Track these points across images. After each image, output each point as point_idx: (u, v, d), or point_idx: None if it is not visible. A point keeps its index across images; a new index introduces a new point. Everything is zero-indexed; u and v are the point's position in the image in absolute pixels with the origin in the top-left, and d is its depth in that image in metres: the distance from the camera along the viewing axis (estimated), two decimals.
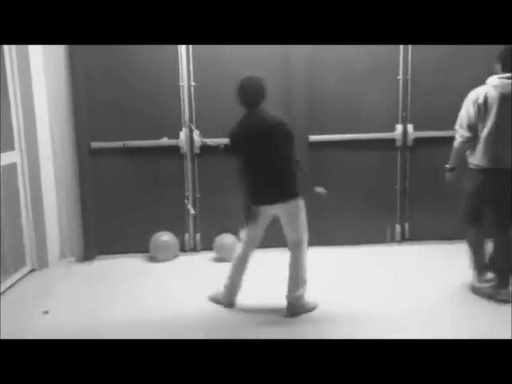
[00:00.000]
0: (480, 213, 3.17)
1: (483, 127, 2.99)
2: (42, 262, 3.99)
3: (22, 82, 3.75)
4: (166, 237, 4.15)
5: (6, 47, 3.62)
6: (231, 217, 4.27)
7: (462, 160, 3.17)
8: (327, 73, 4.18)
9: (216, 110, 4.16)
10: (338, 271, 3.77)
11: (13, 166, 3.74)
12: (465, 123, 3.05)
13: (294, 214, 3.02)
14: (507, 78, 2.92)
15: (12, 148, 3.74)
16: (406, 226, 4.43)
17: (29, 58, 3.73)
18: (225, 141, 4.20)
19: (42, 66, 3.91)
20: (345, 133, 4.24)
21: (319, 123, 4.22)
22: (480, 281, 3.24)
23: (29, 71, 3.75)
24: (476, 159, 3.06)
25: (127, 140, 4.14)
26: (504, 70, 2.95)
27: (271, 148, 2.93)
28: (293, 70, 4.11)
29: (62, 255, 4.22)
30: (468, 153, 3.13)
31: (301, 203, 3.02)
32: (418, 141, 4.27)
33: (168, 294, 3.46)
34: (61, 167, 4.12)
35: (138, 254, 4.24)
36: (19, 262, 3.81)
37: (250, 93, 2.94)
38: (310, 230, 3.19)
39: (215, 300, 3.25)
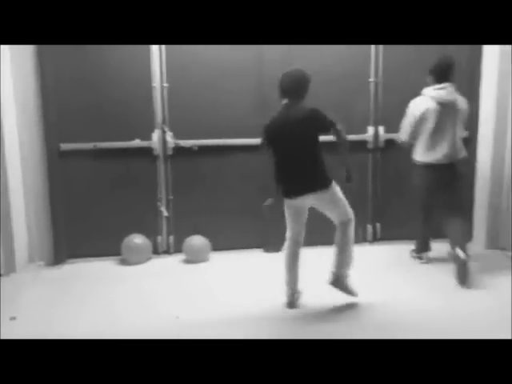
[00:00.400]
0: (429, 202, 3.75)
1: (425, 131, 3.59)
2: (9, 267, 3.87)
3: None
4: (138, 239, 4.10)
5: None
6: (204, 218, 4.27)
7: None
8: None
9: (189, 111, 4.14)
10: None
11: None
12: (408, 131, 3.66)
13: (330, 201, 3.07)
14: (441, 88, 3.53)
15: None
16: (378, 226, 4.50)
17: None
18: (198, 142, 4.20)
19: (9, 68, 3.81)
20: None
21: None
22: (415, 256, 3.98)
23: None
24: (422, 157, 3.65)
25: (98, 142, 4.07)
26: (438, 82, 3.55)
27: (300, 140, 3.00)
28: (266, 70, 4.11)
29: (31, 259, 4.11)
30: (415, 153, 3.71)
31: (332, 189, 3.05)
32: (390, 142, 4.35)
33: (140, 297, 3.40)
34: (29, 169, 4.01)
35: (109, 257, 4.17)
36: None
37: (283, 83, 3.03)
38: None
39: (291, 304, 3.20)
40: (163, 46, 4.03)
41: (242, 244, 4.37)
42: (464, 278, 3.41)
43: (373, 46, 4.25)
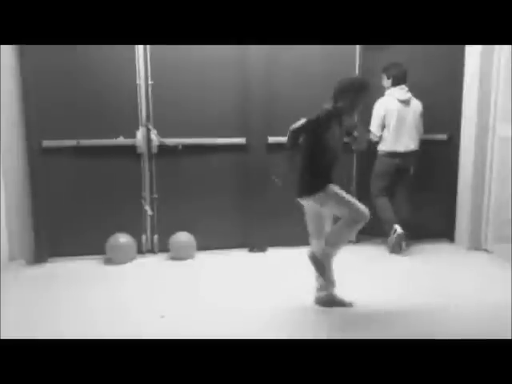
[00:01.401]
0: (386, 185, 4.34)
1: (390, 125, 4.24)
2: None
3: None
4: (122, 238, 4.06)
5: None
6: (189, 218, 4.25)
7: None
8: (284, 72, 4.21)
9: (174, 109, 4.11)
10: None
11: None
12: (375, 125, 4.28)
13: (326, 205, 3.01)
14: (400, 89, 4.21)
15: None
16: None
17: None
18: (183, 141, 4.18)
19: None
20: None
21: (277, 125, 4.24)
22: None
23: None
24: (387, 147, 4.30)
25: (81, 139, 4.02)
26: (396, 84, 4.22)
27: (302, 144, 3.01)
28: (250, 70, 4.12)
29: (12, 258, 4.05)
30: (379, 144, 4.34)
31: (325, 195, 2.97)
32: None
33: (125, 296, 3.38)
34: (10, 166, 3.94)
35: (93, 257, 4.12)
36: None
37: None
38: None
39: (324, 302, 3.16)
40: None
41: (226, 243, 4.37)
42: (396, 247, 4.21)
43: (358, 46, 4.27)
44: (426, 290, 3.44)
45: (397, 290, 3.47)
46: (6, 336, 2.73)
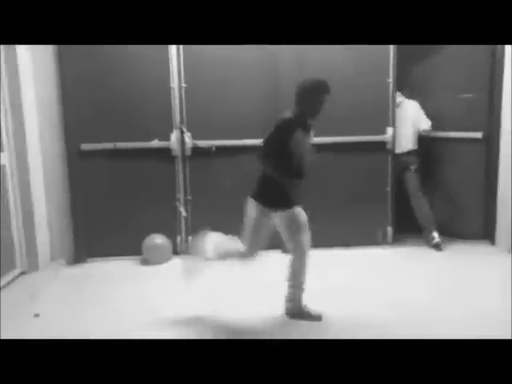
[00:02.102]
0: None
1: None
2: (32, 265, 3.96)
3: (11, 84, 3.73)
4: (158, 239, 4.14)
5: None
6: (222, 219, 4.28)
7: None
8: (315, 73, 4.14)
9: (207, 111, 4.16)
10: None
11: (2, 168, 3.71)
12: None
13: (286, 226, 2.97)
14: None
15: (1, 150, 3.71)
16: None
17: (17, 61, 3.72)
18: (216, 143, 4.22)
19: (31, 67, 3.89)
20: (334, 135, 4.21)
21: None
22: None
23: (17, 74, 3.73)
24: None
25: (117, 142, 4.13)
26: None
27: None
28: (281, 70, 4.12)
29: (53, 258, 4.19)
30: None
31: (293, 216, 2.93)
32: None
33: (160, 296, 3.44)
34: (50, 169, 4.09)
35: (129, 257, 4.22)
36: (9, 265, 3.78)
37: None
38: None
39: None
40: (181, 47, 4.07)
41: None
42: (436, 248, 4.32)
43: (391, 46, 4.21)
44: (463, 291, 3.35)
45: (434, 290, 3.39)
46: (48, 329, 2.83)
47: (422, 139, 4.49)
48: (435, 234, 4.32)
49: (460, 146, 4.43)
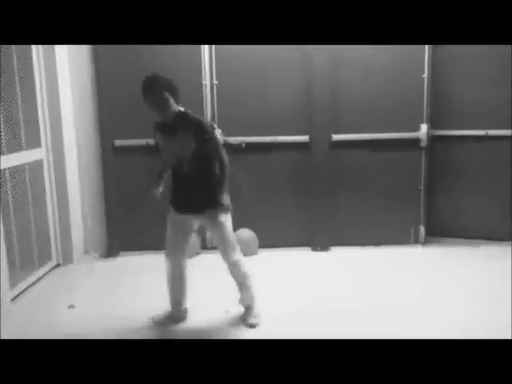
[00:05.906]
0: None
1: None
2: (67, 258, 4.08)
3: (48, 80, 3.83)
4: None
5: (33, 47, 3.70)
6: (252, 216, 4.30)
7: None
8: (349, 71, 4.14)
9: (237, 108, 4.17)
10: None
11: (39, 162, 3.83)
12: None
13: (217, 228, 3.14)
14: None
15: (38, 145, 3.83)
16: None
17: (55, 56, 3.81)
18: (246, 139, 4.22)
19: (68, 65, 3.98)
20: (367, 132, 4.19)
21: (341, 122, 4.19)
22: None
23: (55, 70, 3.82)
24: None
25: (150, 138, 4.17)
26: None
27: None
28: (313, 69, 4.09)
29: (86, 251, 4.30)
30: None
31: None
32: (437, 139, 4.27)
33: (191, 290, 3.48)
34: (85, 164, 4.19)
35: (161, 251, 4.27)
36: (45, 257, 3.90)
37: None
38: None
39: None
40: (213, 45, 4.08)
41: (289, 242, 4.37)
42: None
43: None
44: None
45: (469, 293, 3.33)
46: (83, 319, 2.91)
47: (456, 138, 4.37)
48: None
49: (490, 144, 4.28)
